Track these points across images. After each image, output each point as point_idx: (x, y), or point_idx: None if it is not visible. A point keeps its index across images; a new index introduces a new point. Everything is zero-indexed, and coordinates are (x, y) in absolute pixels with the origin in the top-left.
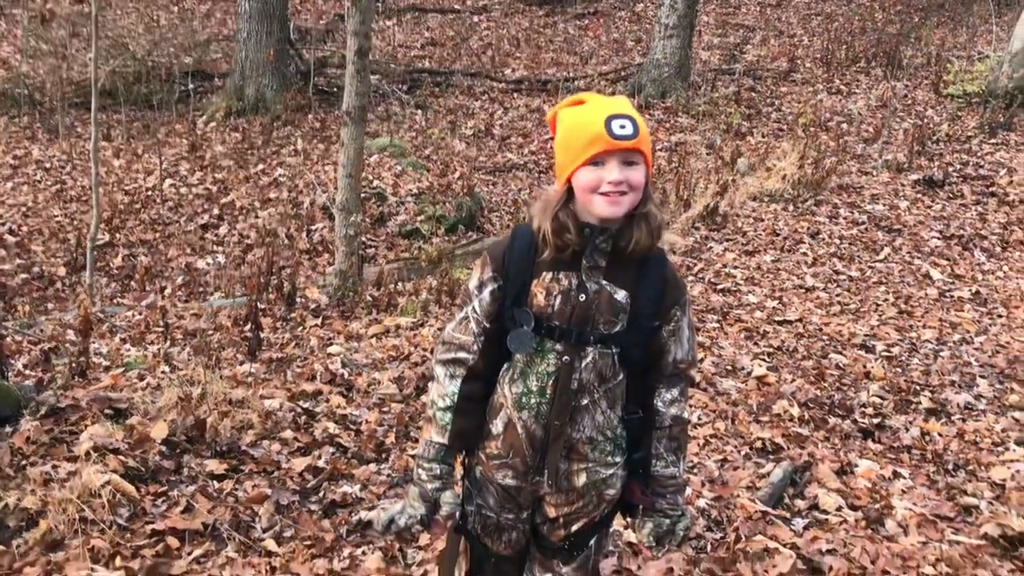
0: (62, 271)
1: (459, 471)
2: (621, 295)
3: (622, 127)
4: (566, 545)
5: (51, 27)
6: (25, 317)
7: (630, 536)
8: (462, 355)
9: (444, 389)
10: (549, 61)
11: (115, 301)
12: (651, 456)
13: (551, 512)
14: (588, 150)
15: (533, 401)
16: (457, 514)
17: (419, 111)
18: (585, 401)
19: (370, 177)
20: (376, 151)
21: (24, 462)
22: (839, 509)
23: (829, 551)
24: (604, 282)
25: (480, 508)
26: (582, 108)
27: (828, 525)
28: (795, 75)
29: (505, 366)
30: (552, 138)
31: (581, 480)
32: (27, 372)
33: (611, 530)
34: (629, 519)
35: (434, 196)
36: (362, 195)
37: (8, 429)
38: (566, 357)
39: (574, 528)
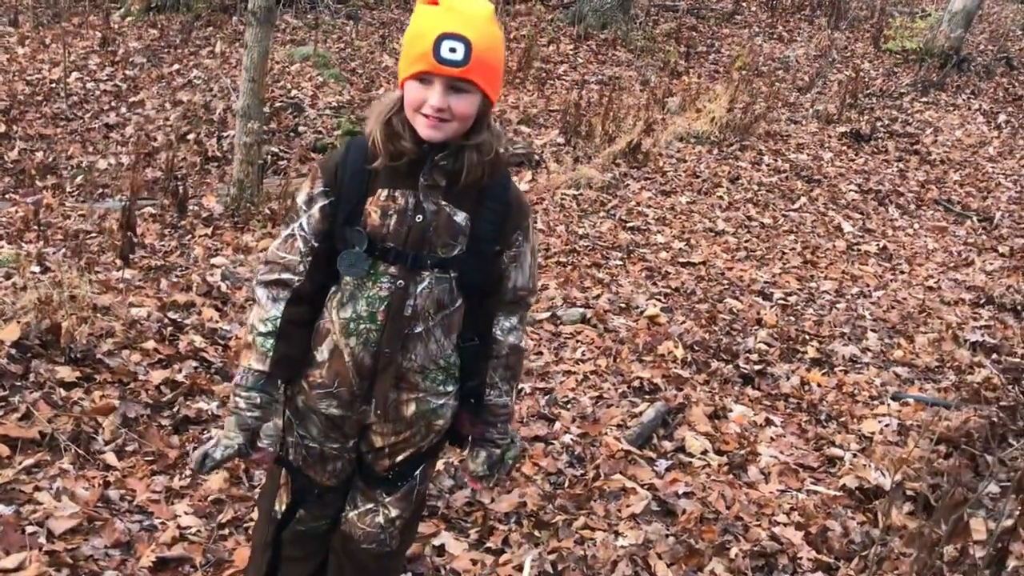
0: None
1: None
2: (461, 217)
3: (452, 50)
4: (391, 475)
5: None
6: None
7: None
8: (286, 276)
9: (266, 313)
10: None
11: (6, 196)
12: (485, 385)
13: (377, 442)
14: (415, 65)
15: (363, 327)
16: (278, 446)
17: (350, 22)
18: (419, 329)
19: (288, 87)
20: (298, 60)
21: None
22: (704, 453)
23: (686, 494)
24: (443, 202)
25: (303, 439)
26: (430, 12)
27: (691, 468)
28: (738, 17)
29: (333, 289)
30: None
31: (410, 410)
32: None
33: (449, 462)
34: (460, 450)
35: (354, 111)
36: (278, 104)
37: None
38: (400, 281)
39: (400, 458)
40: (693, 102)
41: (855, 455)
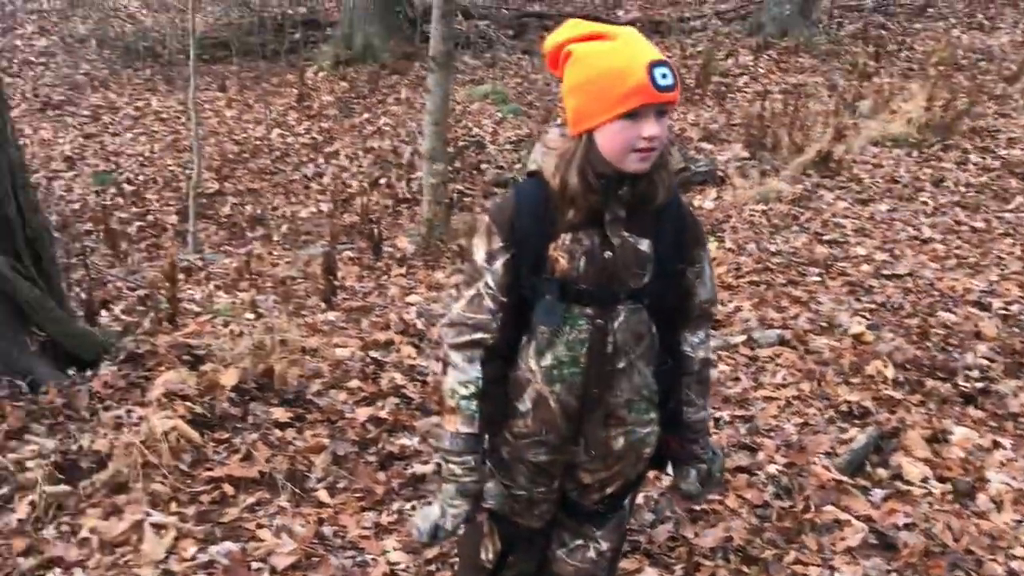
0: (174, 219)
1: None
2: (645, 244)
3: (664, 76)
4: (601, 508)
5: None
6: (132, 264)
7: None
8: (479, 335)
9: (466, 376)
10: (664, 1)
11: (222, 249)
12: (682, 404)
13: (586, 479)
14: (627, 102)
15: (566, 372)
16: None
17: (526, 56)
18: (622, 364)
19: (470, 125)
20: (478, 98)
21: (99, 406)
22: (924, 480)
23: (907, 525)
24: (626, 234)
25: (509, 488)
26: (611, 46)
27: (910, 497)
28: (931, 10)
29: (525, 339)
30: (555, 75)
31: (619, 444)
32: (123, 318)
33: (648, 495)
34: (664, 474)
35: (533, 144)
36: (461, 143)
37: (89, 373)
38: (598, 321)
39: (610, 490)
40: (886, 104)
41: None
